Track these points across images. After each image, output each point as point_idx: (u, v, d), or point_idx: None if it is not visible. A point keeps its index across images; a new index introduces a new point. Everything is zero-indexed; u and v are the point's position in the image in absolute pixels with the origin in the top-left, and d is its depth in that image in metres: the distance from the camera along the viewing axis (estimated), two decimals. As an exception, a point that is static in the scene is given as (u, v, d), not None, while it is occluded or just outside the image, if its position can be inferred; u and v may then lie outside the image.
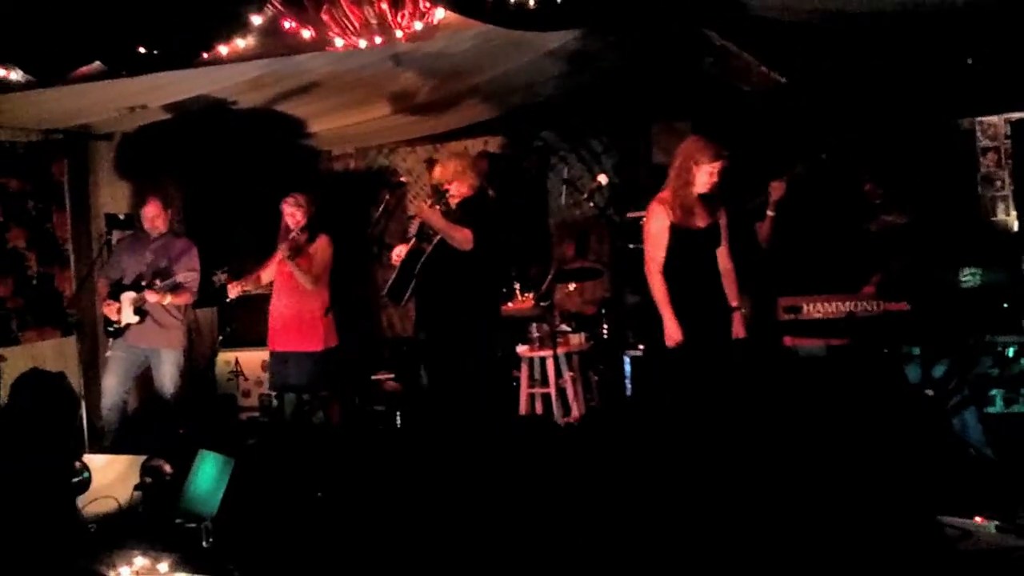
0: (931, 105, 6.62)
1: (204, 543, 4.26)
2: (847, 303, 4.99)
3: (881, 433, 4.56)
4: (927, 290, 5.01)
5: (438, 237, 5.18)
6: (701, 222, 4.87)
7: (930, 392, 4.85)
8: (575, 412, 6.33)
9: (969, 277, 5.05)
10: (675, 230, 4.85)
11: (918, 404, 4.84)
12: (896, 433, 4.56)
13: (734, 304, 4.87)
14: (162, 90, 5.66)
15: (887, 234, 5.73)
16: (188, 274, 5.86)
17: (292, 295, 5.99)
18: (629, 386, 6.32)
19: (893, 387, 4.87)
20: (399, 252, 5.34)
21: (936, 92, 6.33)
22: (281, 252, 5.77)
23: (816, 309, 5.01)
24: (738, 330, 4.87)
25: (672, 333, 4.75)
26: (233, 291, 5.90)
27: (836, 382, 4.92)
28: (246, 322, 7.36)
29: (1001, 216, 6.78)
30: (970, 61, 5.99)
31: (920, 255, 5.49)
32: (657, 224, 4.88)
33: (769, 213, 5.62)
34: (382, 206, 5.93)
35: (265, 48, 4.75)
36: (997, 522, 3.98)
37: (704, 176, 4.78)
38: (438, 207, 5.21)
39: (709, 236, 4.88)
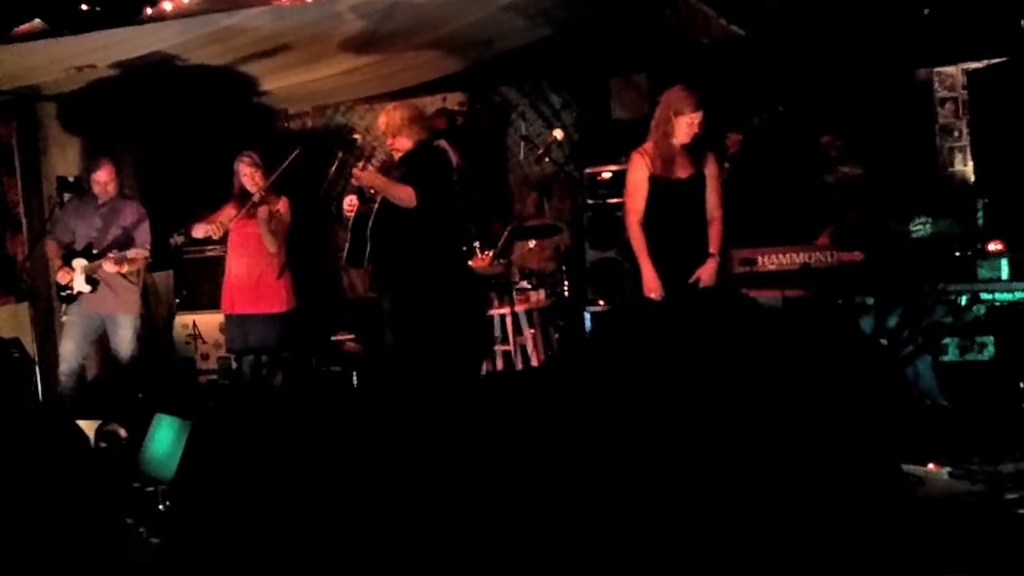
0: (889, 56, 6.61)
1: (160, 506, 4.24)
2: (801, 254, 5.00)
3: (836, 383, 4.60)
4: (880, 240, 5.04)
5: (380, 196, 5.08)
6: (682, 172, 4.84)
7: (884, 342, 4.89)
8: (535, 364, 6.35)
9: (920, 227, 5.09)
10: (655, 181, 4.83)
11: (872, 354, 4.88)
12: (851, 383, 4.60)
13: (712, 251, 4.83)
14: (109, 49, 5.56)
15: (844, 185, 5.75)
16: (137, 250, 5.81)
17: (250, 256, 5.92)
18: (589, 341, 6.33)
19: (848, 337, 4.90)
20: (349, 201, 5.21)
21: (894, 43, 6.33)
22: (255, 203, 5.70)
23: (771, 261, 5.02)
24: (705, 276, 4.81)
25: (651, 284, 4.76)
26: (199, 231, 5.82)
27: (792, 333, 4.94)
28: (203, 285, 7.28)
29: (959, 167, 6.81)
30: (927, 11, 6.01)
31: (875, 206, 5.52)
32: (637, 175, 4.86)
33: (725, 165, 5.58)
34: (336, 164, 5.84)
35: (210, 3, 4.68)
36: (950, 469, 4.04)
37: (684, 127, 4.76)
38: (371, 167, 5.11)
39: (691, 187, 4.85)
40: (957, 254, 4.86)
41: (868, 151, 5.92)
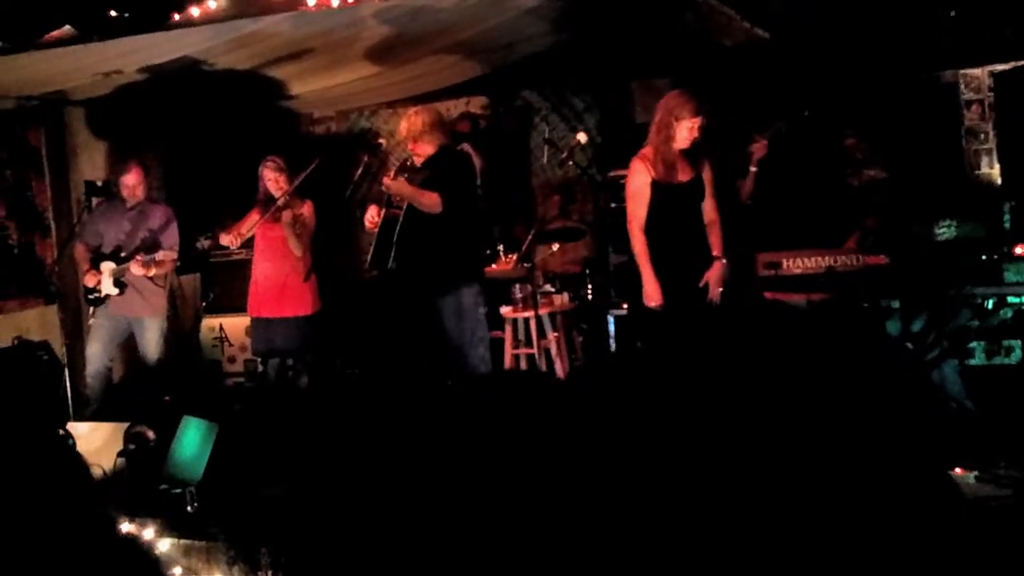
0: (914, 58, 6.58)
1: (189, 508, 4.28)
2: (827, 258, 4.98)
3: (862, 386, 4.58)
4: (906, 244, 5.01)
5: (406, 203, 5.12)
6: (683, 176, 4.85)
7: (910, 345, 4.86)
8: (559, 371, 6.35)
9: (944, 230, 5.05)
10: (656, 186, 4.82)
11: (898, 357, 4.86)
12: (877, 386, 4.58)
13: (716, 254, 4.85)
14: (136, 54, 5.63)
15: (868, 188, 5.72)
16: (165, 252, 5.84)
17: (275, 260, 5.97)
18: (613, 344, 6.33)
19: (873, 341, 4.88)
20: (371, 216, 5.27)
21: (919, 45, 6.30)
22: (280, 207, 5.72)
23: (796, 264, 5.00)
24: (713, 280, 4.81)
25: (650, 293, 4.76)
26: (225, 240, 5.83)
27: (817, 337, 4.93)
28: (230, 288, 7.32)
29: (985, 169, 6.77)
30: (953, 13, 5.98)
31: (900, 209, 5.49)
32: (638, 181, 4.85)
33: (752, 169, 5.56)
34: (361, 168, 5.87)
35: (237, 9, 4.73)
36: (976, 473, 4.02)
37: (684, 131, 4.74)
38: (402, 177, 5.15)
39: (692, 190, 4.86)
40: (983, 257, 4.83)
41: (893, 154, 5.89)
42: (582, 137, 5.68)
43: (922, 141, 6.52)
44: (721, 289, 4.82)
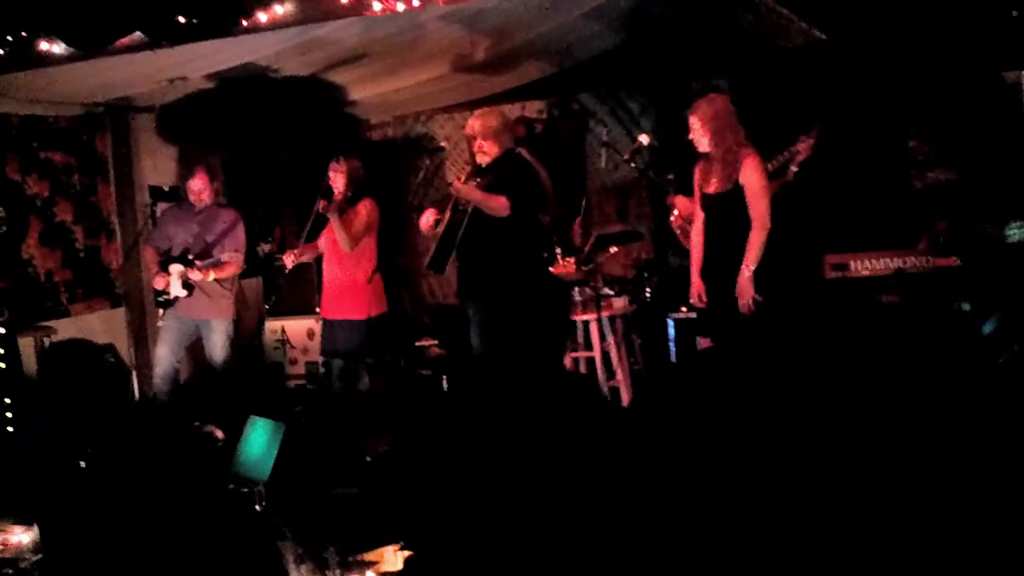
0: (976, 59, 6.48)
1: (257, 507, 4.34)
2: (896, 259, 4.93)
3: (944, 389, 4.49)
4: (976, 245, 4.94)
5: (472, 206, 5.15)
6: (711, 187, 4.88)
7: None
8: (619, 375, 6.34)
9: (1016, 231, 4.97)
10: (700, 191, 4.97)
11: (977, 358, 4.78)
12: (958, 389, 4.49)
13: (743, 266, 4.70)
14: (202, 60, 5.70)
15: (933, 190, 5.65)
16: (231, 254, 5.92)
17: (338, 262, 5.99)
18: (673, 348, 6.30)
19: (948, 342, 4.81)
20: (427, 219, 5.31)
21: (981, 45, 6.21)
22: (322, 205, 5.73)
23: (864, 266, 4.97)
24: (738, 293, 4.72)
25: (691, 290, 4.95)
26: (289, 260, 5.89)
27: (890, 338, 4.85)
28: (291, 291, 7.41)
29: (1051, 169, 6.65)
30: (1015, 13, 5.88)
31: (968, 210, 5.41)
32: (693, 184, 4.98)
33: (793, 169, 5.40)
34: (422, 173, 5.90)
35: (304, 14, 4.77)
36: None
37: (694, 132, 4.85)
38: (472, 182, 5.18)
39: (719, 202, 4.83)
40: (1056, 258, 4.76)
41: (960, 155, 5.81)
42: (644, 139, 5.67)
43: (988, 142, 6.41)
44: (749, 300, 4.70)
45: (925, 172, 5.78)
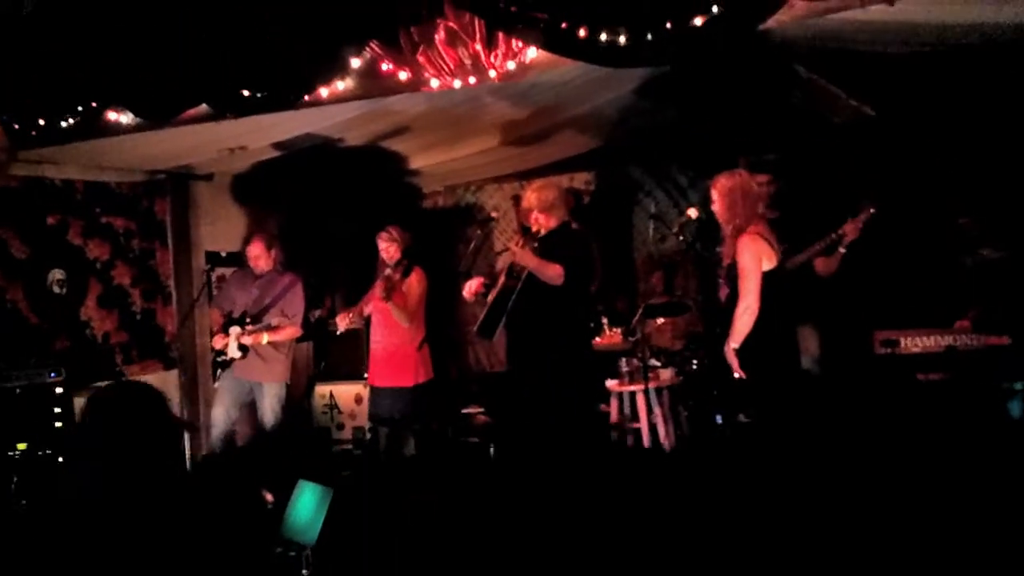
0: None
1: (304, 571, 4.35)
2: (946, 336, 4.90)
3: (984, 469, 4.46)
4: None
5: (526, 273, 5.23)
6: (727, 260, 4.87)
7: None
8: (666, 447, 6.31)
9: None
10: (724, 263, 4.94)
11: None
12: (1000, 470, 4.45)
13: (727, 340, 4.69)
14: (262, 131, 5.88)
15: (983, 268, 5.62)
16: (281, 318, 6.02)
17: (386, 330, 6.09)
18: (719, 420, 6.27)
19: (994, 422, 4.76)
20: (470, 287, 5.41)
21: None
22: (377, 293, 5.84)
23: (914, 343, 4.94)
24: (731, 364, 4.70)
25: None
26: (342, 323, 5.99)
27: (936, 416, 4.82)
28: (340, 356, 7.50)
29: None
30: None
31: (1018, 289, 5.37)
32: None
33: (841, 251, 5.38)
34: (473, 244, 5.99)
35: (364, 89, 4.90)
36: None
37: (712, 204, 4.89)
38: (529, 248, 5.26)
39: (729, 275, 4.83)
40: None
41: (1008, 233, 5.79)
42: (693, 212, 5.72)
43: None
44: (739, 374, 4.66)
45: (975, 249, 5.76)
